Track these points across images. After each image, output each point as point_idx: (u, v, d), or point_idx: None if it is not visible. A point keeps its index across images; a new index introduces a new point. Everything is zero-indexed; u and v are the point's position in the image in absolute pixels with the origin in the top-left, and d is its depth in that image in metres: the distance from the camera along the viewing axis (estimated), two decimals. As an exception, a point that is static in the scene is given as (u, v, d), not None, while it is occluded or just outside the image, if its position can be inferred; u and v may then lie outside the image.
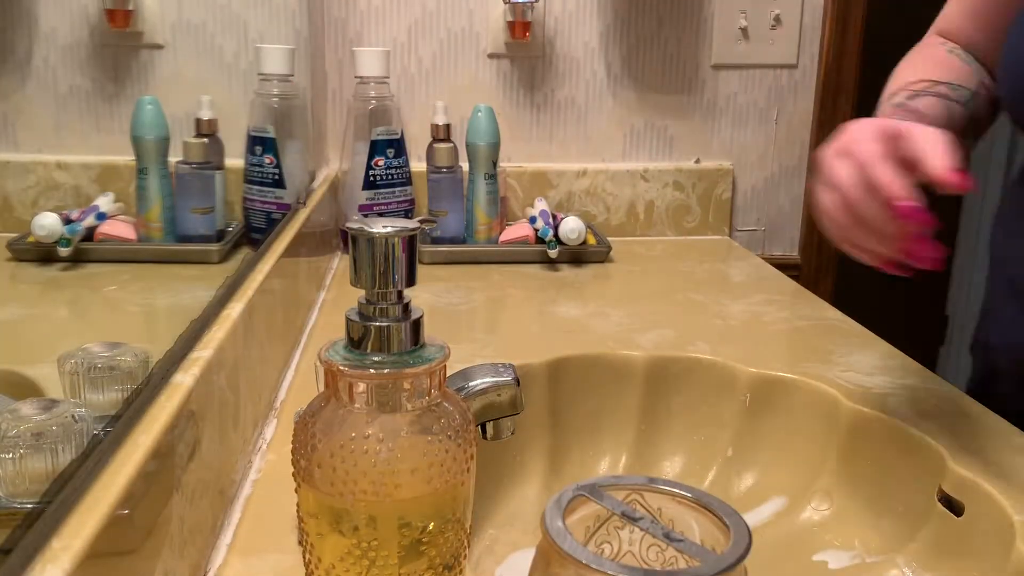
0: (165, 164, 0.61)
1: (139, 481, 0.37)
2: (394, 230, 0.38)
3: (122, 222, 0.58)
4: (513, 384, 0.53)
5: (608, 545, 0.40)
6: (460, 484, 0.39)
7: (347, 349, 0.38)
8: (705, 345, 0.79)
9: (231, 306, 0.59)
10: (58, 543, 0.32)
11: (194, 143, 0.67)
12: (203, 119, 0.70)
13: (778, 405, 0.72)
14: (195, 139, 0.67)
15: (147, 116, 0.58)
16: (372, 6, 1.19)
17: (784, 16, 1.25)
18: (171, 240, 0.63)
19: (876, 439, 0.65)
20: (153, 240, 0.62)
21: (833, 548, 0.63)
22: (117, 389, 0.44)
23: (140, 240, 0.61)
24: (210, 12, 0.74)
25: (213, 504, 0.50)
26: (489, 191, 1.11)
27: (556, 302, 0.94)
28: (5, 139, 0.43)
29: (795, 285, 1.04)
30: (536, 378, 0.73)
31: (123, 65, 0.55)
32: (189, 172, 0.66)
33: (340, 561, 0.38)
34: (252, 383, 0.61)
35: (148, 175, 0.60)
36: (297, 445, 0.39)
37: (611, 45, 1.24)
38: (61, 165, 0.50)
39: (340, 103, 1.21)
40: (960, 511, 0.56)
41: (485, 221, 1.11)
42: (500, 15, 1.20)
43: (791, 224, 1.34)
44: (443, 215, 1.12)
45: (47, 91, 0.47)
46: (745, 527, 0.35)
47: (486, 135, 1.09)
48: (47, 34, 0.46)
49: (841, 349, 0.80)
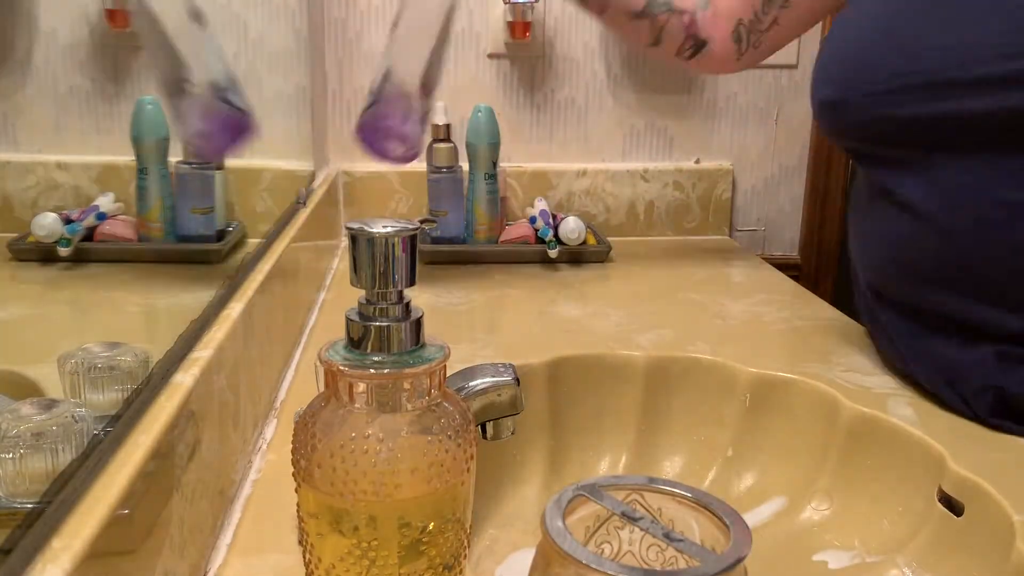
0: (165, 164, 0.61)
1: (139, 481, 0.37)
2: (394, 230, 0.38)
3: (122, 222, 0.58)
4: (513, 384, 0.53)
5: (608, 545, 0.40)
6: (460, 484, 0.39)
7: (347, 349, 0.38)
8: (705, 345, 0.79)
9: (231, 306, 0.59)
10: (58, 543, 0.32)
11: None
12: None
13: (778, 405, 0.72)
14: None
15: (147, 116, 0.58)
16: (372, 6, 1.19)
17: (784, 16, 1.25)
18: (171, 240, 0.63)
19: (876, 439, 0.65)
20: (153, 240, 0.62)
21: (833, 548, 0.63)
22: (117, 389, 0.44)
23: (140, 240, 0.61)
24: (210, 12, 0.74)
25: (213, 504, 0.50)
26: (489, 191, 1.11)
27: (556, 302, 0.94)
28: (5, 139, 0.43)
29: (795, 285, 1.04)
30: (536, 378, 0.73)
31: (123, 65, 0.55)
32: (189, 172, 0.66)
33: (340, 561, 0.38)
34: (252, 383, 0.61)
35: (148, 175, 0.60)
36: (297, 445, 0.39)
37: (611, 45, 1.23)
38: (61, 165, 0.50)
39: (340, 103, 1.21)
40: (960, 511, 0.56)
41: (485, 221, 1.11)
42: (500, 15, 1.20)
43: (791, 224, 1.34)
44: (443, 215, 1.11)
45: (47, 91, 0.47)
46: (745, 527, 0.35)
47: (486, 135, 1.09)
48: (47, 34, 0.46)
49: (841, 349, 0.80)
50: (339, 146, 1.22)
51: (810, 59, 1.27)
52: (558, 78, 1.24)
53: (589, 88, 1.25)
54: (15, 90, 0.44)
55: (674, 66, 1.10)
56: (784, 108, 1.29)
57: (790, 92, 1.28)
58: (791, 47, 1.26)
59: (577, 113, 1.25)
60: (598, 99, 1.25)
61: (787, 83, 1.28)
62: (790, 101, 1.29)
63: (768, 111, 1.29)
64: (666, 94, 1.26)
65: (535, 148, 1.26)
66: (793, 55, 1.27)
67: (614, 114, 1.26)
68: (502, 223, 1.15)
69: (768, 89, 1.28)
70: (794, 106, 1.29)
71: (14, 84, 0.44)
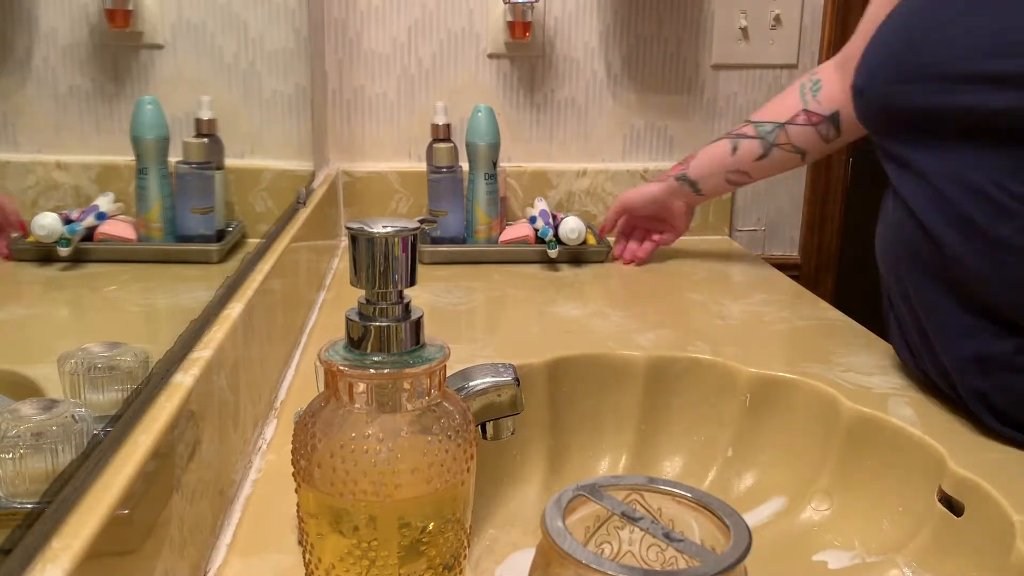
0: (165, 164, 0.61)
1: (139, 481, 0.37)
2: (394, 230, 0.38)
3: (122, 222, 0.58)
4: (513, 384, 0.53)
5: (608, 545, 0.40)
6: (460, 484, 0.39)
7: (347, 349, 0.38)
8: (705, 345, 0.79)
9: (231, 306, 0.59)
10: (58, 543, 0.32)
11: (194, 143, 0.67)
12: (203, 119, 0.70)
13: (778, 405, 0.72)
14: (195, 139, 0.67)
15: (147, 116, 0.58)
16: (372, 6, 1.19)
17: (784, 16, 1.25)
18: (171, 240, 0.63)
19: (876, 439, 0.65)
20: (153, 240, 0.62)
21: (833, 548, 0.63)
22: (117, 389, 0.44)
23: (140, 240, 0.61)
24: (210, 12, 0.74)
25: (213, 504, 0.50)
26: (489, 191, 1.11)
27: (556, 302, 0.94)
28: (5, 139, 0.43)
29: (795, 285, 1.04)
30: (536, 378, 0.73)
31: (123, 65, 0.55)
32: (189, 172, 0.66)
33: (340, 561, 0.38)
34: (252, 383, 0.61)
35: (148, 175, 0.60)
36: (297, 445, 0.39)
37: (611, 45, 1.24)
38: (61, 165, 0.50)
39: (340, 103, 1.21)
40: (960, 511, 0.56)
41: (485, 221, 1.11)
42: (500, 15, 1.20)
43: (791, 224, 1.34)
44: (443, 215, 1.11)
45: (47, 91, 0.47)
46: (745, 527, 0.35)
47: (486, 135, 1.09)
48: (47, 34, 0.46)
49: (841, 349, 0.80)
50: (339, 146, 1.22)
51: (810, 58, 1.27)
52: (558, 78, 1.24)
53: (589, 88, 1.25)
54: (15, 90, 0.44)
55: (840, 151, 1.20)
56: (784, 108, 1.29)
57: (790, 92, 1.28)
58: (791, 47, 1.26)
59: (577, 113, 1.25)
60: (598, 99, 1.25)
61: (787, 82, 1.28)
62: (790, 101, 1.29)
63: (768, 111, 1.29)
64: (666, 94, 1.26)
65: (535, 148, 1.26)
66: (793, 54, 1.27)
67: (614, 114, 1.26)
68: (502, 223, 1.15)
69: (768, 89, 1.28)
70: (794, 106, 1.29)
71: (14, 84, 0.44)
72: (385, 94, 1.22)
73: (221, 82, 0.77)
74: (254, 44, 0.85)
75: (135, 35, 0.59)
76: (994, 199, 0.59)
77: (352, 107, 1.22)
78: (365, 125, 1.22)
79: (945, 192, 0.62)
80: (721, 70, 1.27)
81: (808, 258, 1.34)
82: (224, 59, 0.77)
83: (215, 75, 0.76)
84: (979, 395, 0.62)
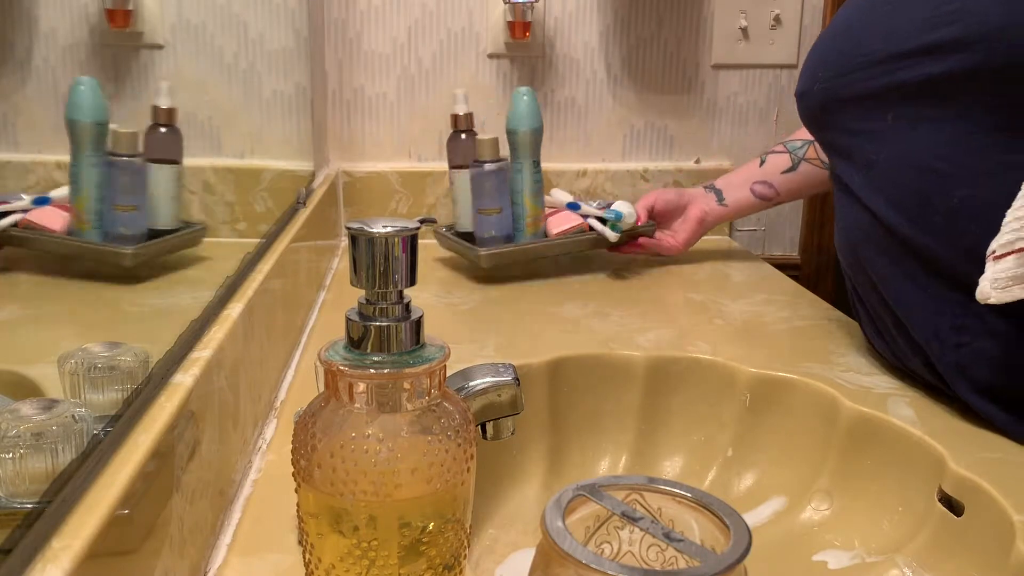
0: (100, 152, 0.56)
1: (139, 481, 0.37)
2: (394, 230, 0.38)
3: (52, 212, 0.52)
4: (513, 384, 0.53)
5: (608, 545, 0.40)
6: (460, 484, 0.39)
7: (347, 349, 0.38)
8: (705, 345, 0.79)
9: (231, 306, 0.59)
10: (58, 543, 0.32)
11: (122, 132, 0.59)
12: (160, 107, 0.63)
13: (778, 405, 0.72)
14: (125, 129, 0.59)
15: (81, 97, 0.53)
16: (372, 6, 1.19)
17: (784, 16, 1.25)
18: (98, 235, 0.58)
19: (876, 439, 0.65)
20: (83, 233, 0.56)
21: (833, 548, 0.63)
22: (117, 389, 0.44)
23: (71, 233, 0.53)
24: (210, 12, 0.74)
25: (213, 504, 0.50)
26: (536, 180, 1.04)
27: (556, 302, 0.94)
28: (5, 139, 0.43)
29: (795, 285, 1.04)
30: (536, 378, 0.73)
31: (123, 65, 0.55)
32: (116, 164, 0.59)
33: (340, 561, 0.38)
34: (252, 383, 0.61)
35: (80, 162, 0.54)
36: (297, 445, 0.39)
37: (611, 45, 1.24)
38: (61, 165, 0.50)
39: (340, 103, 1.21)
40: (960, 511, 0.56)
41: (534, 212, 1.04)
42: (500, 15, 1.20)
43: (791, 224, 1.34)
44: (495, 212, 1.02)
45: (47, 91, 0.46)
46: (745, 527, 0.35)
47: (529, 120, 1.02)
48: (47, 34, 0.46)
49: (841, 349, 0.80)
50: (339, 146, 1.22)
51: (810, 59, 1.27)
52: (558, 78, 1.24)
53: (589, 88, 1.25)
54: (15, 90, 0.44)
55: None
56: (784, 108, 1.29)
57: (790, 92, 1.28)
58: (791, 47, 1.26)
59: (577, 113, 1.25)
60: (598, 99, 1.25)
61: (787, 83, 1.28)
62: (790, 101, 1.28)
63: (768, 111, 1.29)
64: (666, 94, 1.26)
65: (535, 148, 1.26)
66: (793, 54, 1.27)
67: (614, 114, 1.26)
68: (545, 215, 1.09)
69: (768, 89, 1.28)
70: (794, 106, 1.28)
71: (14, 84, 0.44)
72: (385, 94, 1.22)
73: (221, 82, 0.77)
74: (254, 44, 0.85)
75: (135, 35, 0.58)
76: (940, 172, 0.61)
77: (352, 107, 1.22)
78: (365, 125, 1.22)
79: (893, 176, 0.64)
80: (721, 70, 1.27)
81: (808, 258, 1.34)
82: (224, 59, 0.77)
83: (215, 75, 0.76)
84: (958, 368, 0.63)
